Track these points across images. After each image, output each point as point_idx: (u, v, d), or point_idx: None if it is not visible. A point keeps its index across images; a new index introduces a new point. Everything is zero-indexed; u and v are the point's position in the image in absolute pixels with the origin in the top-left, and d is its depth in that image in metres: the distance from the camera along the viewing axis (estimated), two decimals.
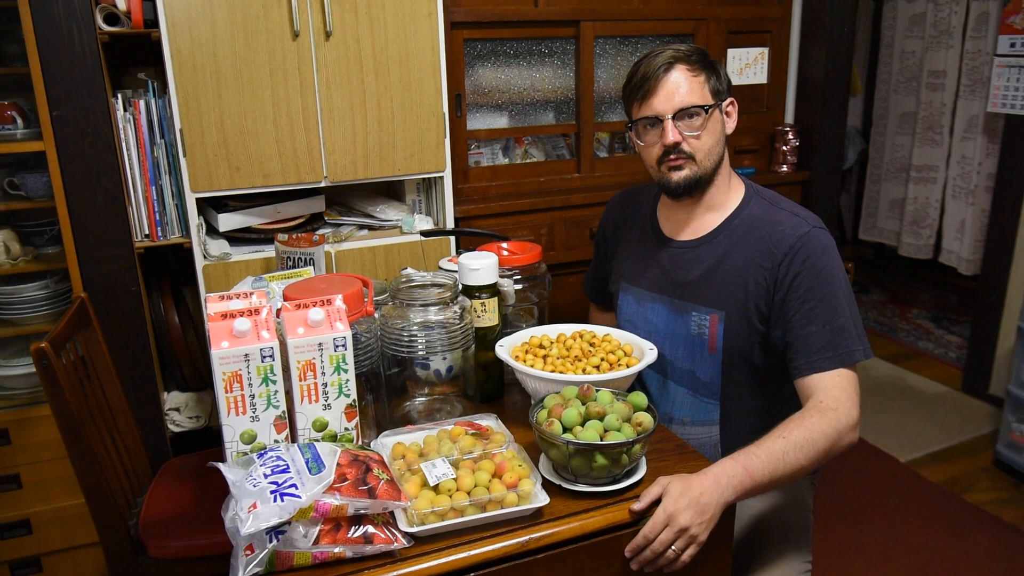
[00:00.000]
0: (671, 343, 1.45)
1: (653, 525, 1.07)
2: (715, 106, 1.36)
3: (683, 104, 1.34)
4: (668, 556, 1.07)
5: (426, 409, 1.40)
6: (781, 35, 2.92)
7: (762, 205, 1.41)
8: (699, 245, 1.42)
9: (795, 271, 1.30)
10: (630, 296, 1.52)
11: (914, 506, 2.43)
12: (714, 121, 1.36)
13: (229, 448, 1.09)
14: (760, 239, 1.35)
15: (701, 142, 1.35)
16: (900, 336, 3.79)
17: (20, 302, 1.97)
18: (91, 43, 1.79)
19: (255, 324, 1.09)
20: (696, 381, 1.43)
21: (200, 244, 1.95)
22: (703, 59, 1.37)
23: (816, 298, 1.28)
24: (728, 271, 1.37)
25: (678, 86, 1.34)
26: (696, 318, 1.40)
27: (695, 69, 1.35)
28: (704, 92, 1.35)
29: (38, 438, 1.93)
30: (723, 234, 1.40)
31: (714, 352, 1.38)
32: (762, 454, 1.14)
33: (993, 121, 3.35)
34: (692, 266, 1.42)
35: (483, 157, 2.64)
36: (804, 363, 1.27)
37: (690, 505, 1.06)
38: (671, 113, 1.34)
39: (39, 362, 1.32)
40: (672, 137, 1.34)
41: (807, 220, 1.35)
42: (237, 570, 0.96)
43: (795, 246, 1.31)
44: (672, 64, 1.34)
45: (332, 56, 1.95)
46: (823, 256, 1.30)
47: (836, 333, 1.26)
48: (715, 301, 1.38)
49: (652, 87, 1.35)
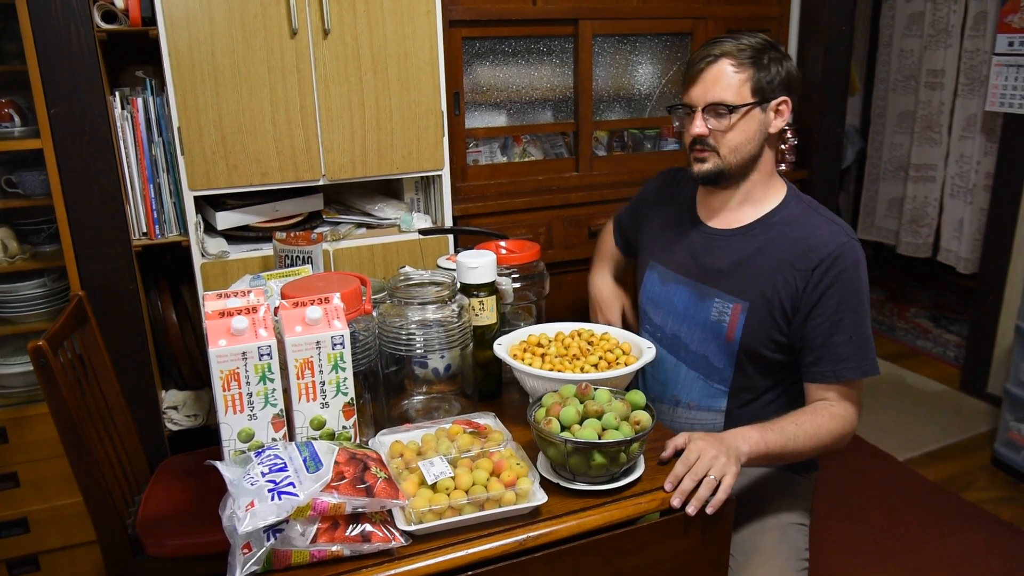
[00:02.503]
0: (688, 326, 1.47)
1: (687, 456, 1.15)
2: (752, 105, 1.35)
3: (714, 99, 1.35)
4: (710, 482, 1.11)
5: (424, 407, 1.40)
6: (779, 34, 2.92)
7: (802, 208, 1.42)
8: (733, 235, 1.44)
9: (830, 280, 1.32)
10: (655, 275, 1.54)
11: (912, 505, 2.43)
12: (749, 119, 1.36)
13: (227, 446, 1.09)
14: (796, 240, 1.37)
15: (727, 138, 1.36)
16: (898, 335, 3.79)
17: (17, 300, 1.96)
18: (89, 41, 1.79)
19: (253, 322, 1.08)
20: (709, 366, 1.45)
21: (198, 242, 1.95)
22: (756, 56, 1.35)
23: (847, 309, 1.32)
24: (759, 265, 1.39)
25: (716, 80, 1.34)
26: (719, 305, 1.42)
27: (741, 66, 1.34)
28: (743, 90, 1.35)
29: (36, 436, 1.92)
30: (759, 228, 1.42)
31: (731, 341, 1.40)
32: (777, 429, 1.25)
33: (991, 120, 3.35)
34: (723, 254, 1.43)
35: (481, 155, 2.64)
36: (829, 371, 1.33)
37: (716, 443, 1.17)
38: (702, 105, 1.36)
39: (36, 360, 1.32)
40: (697, 129, 1.37)
41: (845, 230, 1.36)
42: (234, 568, 0.95)
43: (833, 254, 1.32)
44: (719, 57, 1.35)
45: (330, 54, 1.94)
46: (857, 269, 1.33)
47: (862, 345, 1.32)
48: (741, 291, 1.39)
49: (693, 76, 1.37)
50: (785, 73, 1.38)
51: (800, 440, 1.26)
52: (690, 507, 1.11)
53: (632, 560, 1.11)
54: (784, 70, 1.37)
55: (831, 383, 1.33)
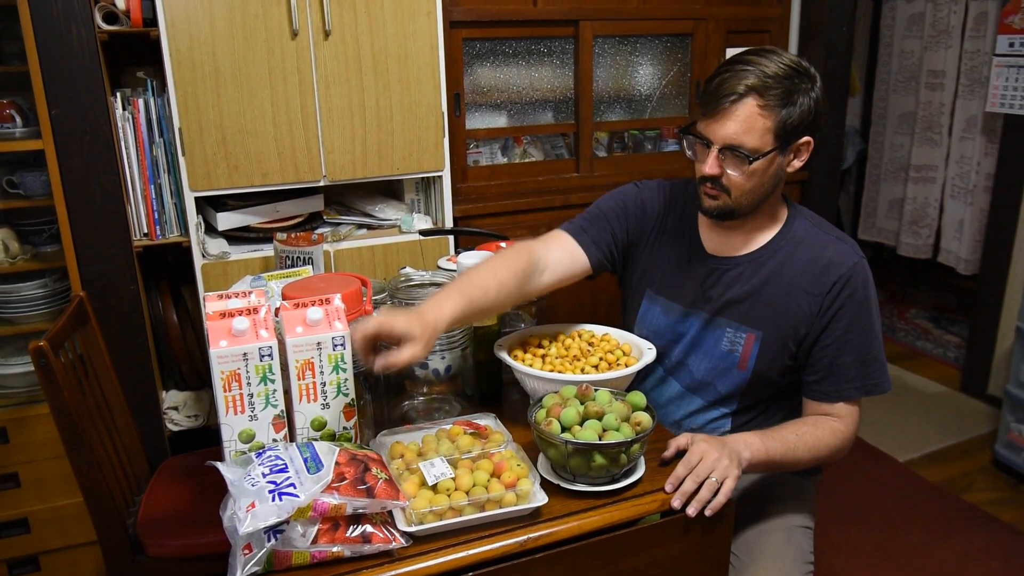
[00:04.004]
0: (696, 356, 1.42)
1: (689, 457, 1.15)
2: (773, 151, 1.25)
3: (734, 143, 1.24)
4: (711, 484, 1.11)
5: (425, 408, 1.40)
6: (780, 35, 2.92)
7: (806, 226, 1.37)
8: (742, 263, 1.37)
9: (841, 303, 1.30)
10: (657, 307, 1.47)
11: (912, 506, 2.43)
12: (767, 164, 1.26)
13: (227, 447, 1.09)
14: (807, 264, 1.33)
15: (740, 182, 1.27)
16: (899, 336, 3.79)
17: (18, 301, 1.97)
18: (90, 42, 1.79)
19: (254, 323, 1.09)
20: (715, 393, 1.42)
21: (199, 243, 1.95)
22: (785, 94, 1.23)
23: (856, 329, 1.30)
24: (771, 293, 1.34)
25: (739, 121, 1.23)
26: (730, 335, 1.37)
27: (768, 107, 1.22)
28: (766, 137, 1.24)
29: (36, 437, 1.93)
30: (767, 254, 1.36)
31: (743, 370, 1.37)
32: (778, 438, 1.25)
33: (992, 121, 3.35)
34: (733, 284, 1.38)
35: (482, 156, 2.64)
36: (832, 391, 1.32)
37: (719, 445, 1.16)
38: (720, 144, 1.25)
39: (37, 361, 1.32)
40: (710, 170, 1.27)
41: (854, 249, 1.33)
42: (235, 569, 0.95)
43: (845, 276, 1.29)
44: (744, 96, 1.22)
45: (331, 55, 1.95)
46: (866, 288, 1.31)
47: (868, 365, 1.31)
48: (754, 321, 1.35)
49: (715, 109, 1.25)
50: (813, 109, 1.26)
51: (799, 451, 1.26)
52: (691, 508, 1.11)
53: (632, 561, 1.11)
54: (812, 104, 1.25)
55: (835, 402, 1.33)
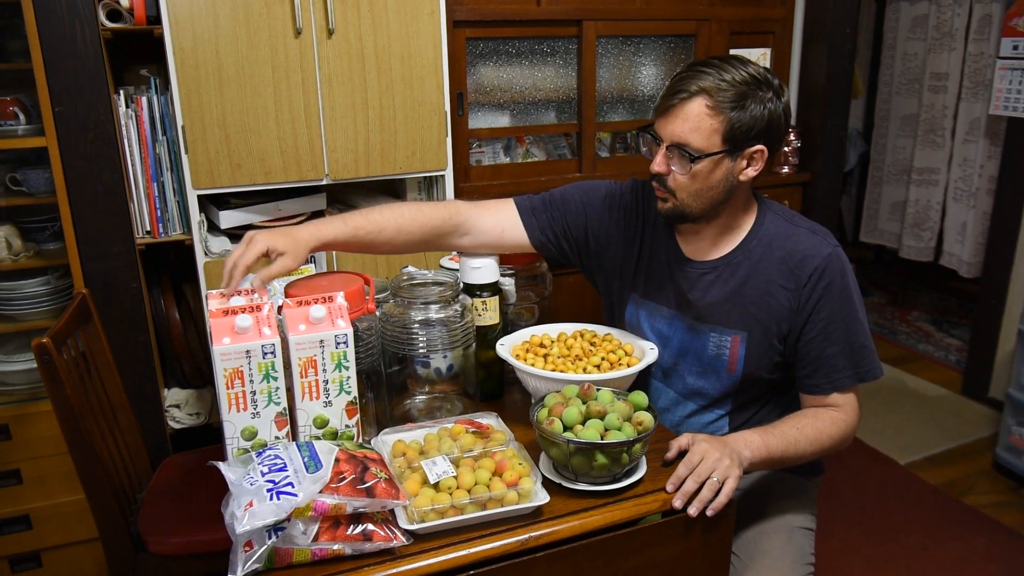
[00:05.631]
0: (686, 361, 1.43)
1: (691, 457, 1.15)
2: (721, 153, 1.24)
3: (680, 140, 1.24)
4: (712, 484, 1.11)
5: (426, 407, 1.40)
6: (783, 36, 2.92)
7: (777, 221, 1.37)
8: (718, 266, 1.37)
9: (819, 294, 1.29)
10: (643, 312, 1.47)
11: (913, 509, 2.43)
12: (714, 167, 1.25)
13: (230, 444, 1.09)
14: (781, 259, 1.33)
15: (684, 183, 1.27)
16: (900, 339, 3.78)
17: (21, 298, 1.97)
18: (94, 39, 1.79)
19: (256, 321, 1.09)
20: (708, 397, 1.42)
21: (201, 241, 1.95)
22: (737, 99, 1.22)
23: (838, 319, 1.30)
24: (750, 293, 1.34)
25: (686, 119, 1.23)
26: (715, 339, 1.37)
27: (716, 109, 1.22)
28: (713, 138, 1.23)
29: (38, 434, 1.93)
30: (742, 254, 1.36)
31: (733, 372, 1.37)
32: (778, 434, 1.25)
33: (995, 124, 3.34)
34: (712, 288, 1.37)
35: (484, 156, 2.64)
36: (825, 382, 1.32)
37: (720, 445, 1.16)
38: (668, 141, 1.26)
39: (40, 358, 1.32)
40: (656, 167, 1.28)
41: (826, 239, 1.33)
42: (236, 566, 0.96)
43: (819, 267, 1.29)
44: (695, 95, 1.22)
45: (334, 54, 1.95)
46: (843, 277, 1.30)
47: (856, 353, 1.31)
48: (737, 323, 1.35)
49: (665, 107, 1.26)
50: (767, 118, 1.24)
51: (801, 444, 1.25)
52: (692, 508, 1.11)
53: (633, 561, 1.11)
54: (766, 114, 1.24)
55: (829, 394, 1.32)
